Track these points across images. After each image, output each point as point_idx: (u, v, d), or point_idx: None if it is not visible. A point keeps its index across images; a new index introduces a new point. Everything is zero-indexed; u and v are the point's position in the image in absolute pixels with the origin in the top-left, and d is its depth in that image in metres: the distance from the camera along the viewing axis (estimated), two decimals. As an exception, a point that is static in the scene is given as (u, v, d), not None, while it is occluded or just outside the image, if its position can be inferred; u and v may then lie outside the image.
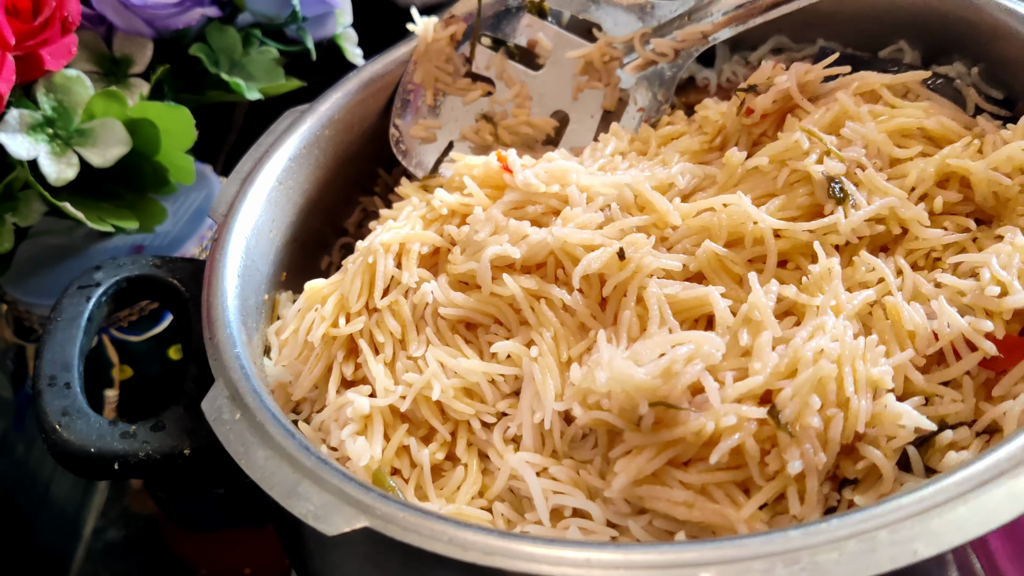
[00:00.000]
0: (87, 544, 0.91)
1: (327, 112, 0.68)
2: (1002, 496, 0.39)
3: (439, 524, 0.42)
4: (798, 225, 0.54)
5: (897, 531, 0.38)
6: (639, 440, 0.47)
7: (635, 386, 0.47)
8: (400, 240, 0.58)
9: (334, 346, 0.57)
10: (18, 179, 0.65)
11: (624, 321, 0.53)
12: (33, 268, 0.74)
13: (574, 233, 0.55)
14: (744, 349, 0.49)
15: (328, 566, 0.51)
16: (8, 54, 0.61)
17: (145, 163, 0.70)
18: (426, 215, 0.60)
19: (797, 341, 0.48)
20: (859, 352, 0.47)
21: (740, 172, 0.59)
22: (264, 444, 0.48)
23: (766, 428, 0.46)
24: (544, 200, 0.58)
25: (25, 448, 0.87)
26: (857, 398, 0.46)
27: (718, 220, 0.55)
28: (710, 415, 0.46)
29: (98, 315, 0.59)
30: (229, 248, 0.59)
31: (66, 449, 0.52)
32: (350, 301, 0.57)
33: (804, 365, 0.46)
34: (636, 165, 0.63)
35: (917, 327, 0.49)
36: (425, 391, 0.53)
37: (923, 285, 0.52)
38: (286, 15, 0.76)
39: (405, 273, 0.57)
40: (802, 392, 0.45)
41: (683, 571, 0.38)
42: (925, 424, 0.46)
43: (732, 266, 0.55)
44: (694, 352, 0.47)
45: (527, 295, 0.55)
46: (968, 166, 0.55)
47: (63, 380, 0.54)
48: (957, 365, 0.49)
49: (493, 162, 0.60)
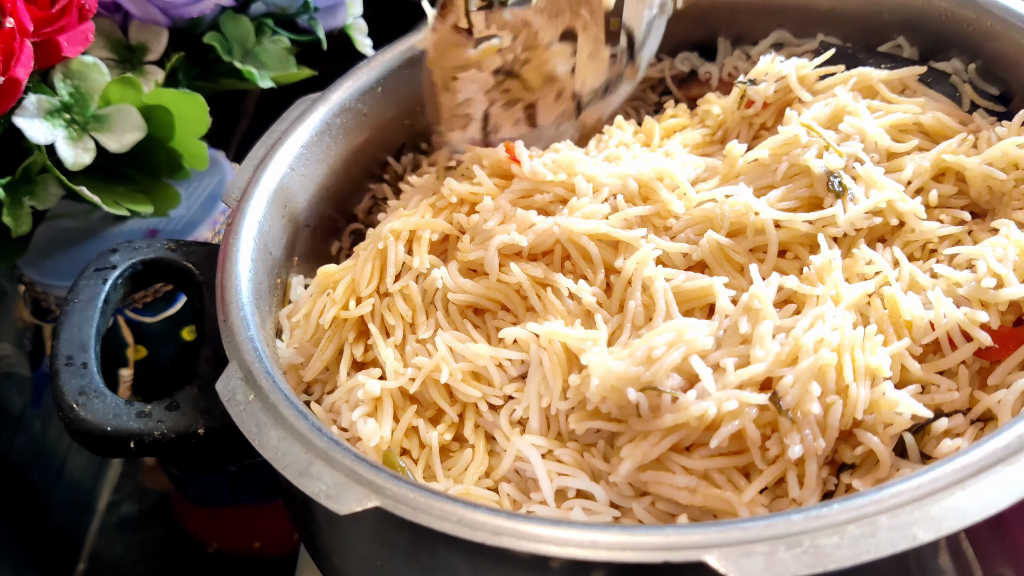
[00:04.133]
0: (101, 518, 0.91)
1: (338, 101, 0.67)
2: (999, 483, 0.38)
3: (448, 504, 0.41)
4: (798, 216, 0.54)
5: (897, 516, 0.38)
6: (642, 426, 0.47)
7: (618, 377, 0.47)
8: (411, 227, 0.57)
9: (345, 328, 0.56)
10: (36, 163, 0.65)
11: (630, 311, 0.52)
12: (50, 250, 0.74)
13: (579, 222, 0.54)
14: (744, 337, 0.48)
15: (338, 544, 0.51)
16: (26, 40, 0.60)
17: (160, 149, 0.69)
18: (436, 203, 0.59)
19: (798, 330, 0.47)
20: (858, 341, 0.47)
21: (741, 164, 0.58)
22: (277, 424, 0.47)
23: (766, 414, 0.46)
24: (551, 189, 0.57)
25: (42, 425, 0.87)
26: (856, 386, 0.46)
27: (720, 211, 0.55)
28: (712, 400, 0.45)
29: (114, 297, 0.58)
30: (242, 232, 0.58)
31: (83, 427, 0.52)
32: (361, 285, 0.57)
33: (805, 353, 0.46)
34: (640, 156, 0.62)
35: (915, 317, 0.49)
36: (434, 374, 0.53)
37: (920, 276, 0.51)
38: (298, 5, 0.75)
39: (416, 259, 0.56)
40: (803, 380, 0.45)
41: (687, 553, 0.38)
42: (922, 411, 0.46)
43: (734, 255, 0.54)
44: (675, 338, 0.47)
45: (533, 283, 0.54)
46: (963, 162, 0.55)
47: (80, 360, 0.54)
48: (953, 355, 0.49)
49: (501, 152, 0.59)
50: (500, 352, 0.53)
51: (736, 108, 0.63)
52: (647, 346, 0.47)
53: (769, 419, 0.46)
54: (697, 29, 0.73)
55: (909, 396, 0.46)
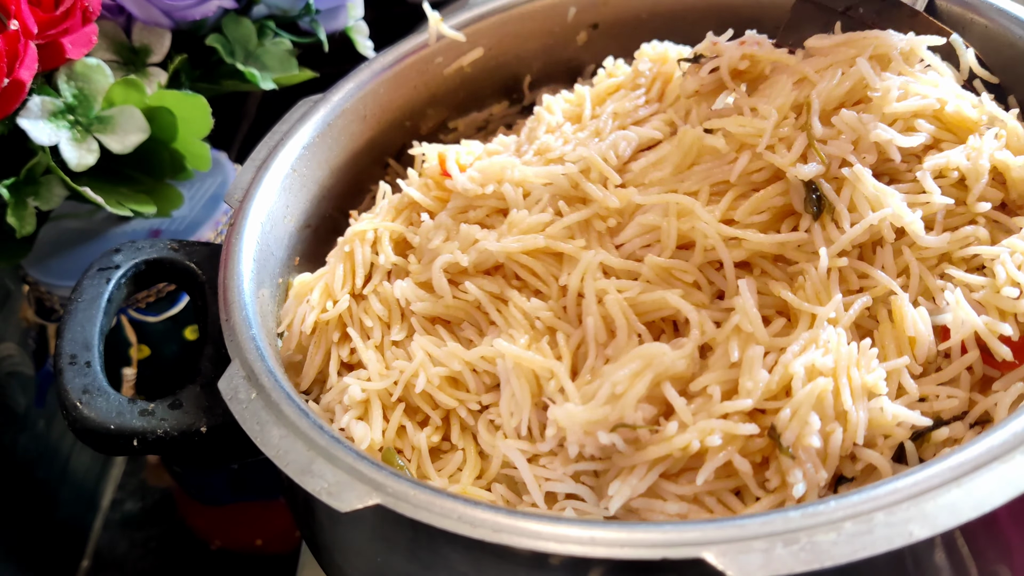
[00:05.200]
0: (105, 515, 0.91)
1: (339, 102, 0.67)
2: (994, 480, 0.38)
3: (449, 502, 0.41)
4: (766, 239, 0.49)
5: (893, 513, 0.38)
6: (626, 461, 0.45)
7: (586, 424, 0.45)
8: (373, 228, 0.58)
9: (328, 331, 0.56)
10: (40, 164, 0.65)
11: (589, 328, 0.49)
12: (54, 250, 0.74)
13: (514, 243, 0.52)
14: (733, 361, 0.46)
15: (339, 541, 0.51)
16: (31, 43, 0.60)
17: (163, 150, 0.69)
18: (397, 204, 0.59)
19: (788, 355, 0.45)
20: (853, 359, 0.45)
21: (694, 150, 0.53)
22: (279, 423, 0.47)
23: (755, 441, 0.45)
24: (484, 203, 0.56)
25: (46, 423, 0.87)
26: (855, 409, 0.44)
27: (667, 225, 0.51)
28: (695, 431, 0.44)
29: (117, 296, 0.58)
30: (245, 233, 0.58)
31: (86, 426, 0.51)
32: (334, 289, 0.57)
33: (798, 382, 0.44)
34: (571, 140, 0.58)
35: (919, 334, 0.47)
36: (413, 379, 0.52)
37: (930, 279, 0.49)
38: (300, 8, 0.75)
39: (381, 256, 0.57)
40: (802, 413, 0.44)
41: (686, 549, 0.38)
42: (921, 421, 0.45)
43: (682, 275, 0.51)
44: (640, 367, 0.45)
45: (491, 299, 0.53)
46: (1008, 162, 0.50)
47: (83, 359, 0.54)
48: (957, 363, 0.47)
49: (434, 164, 0.58)
50: (474, 358, 0.51)
51: (683, 85, 0.56)
52: (609, 383, 0.45)
53: (760, 447, 0.45)
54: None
55: (907, 409, 0.45)
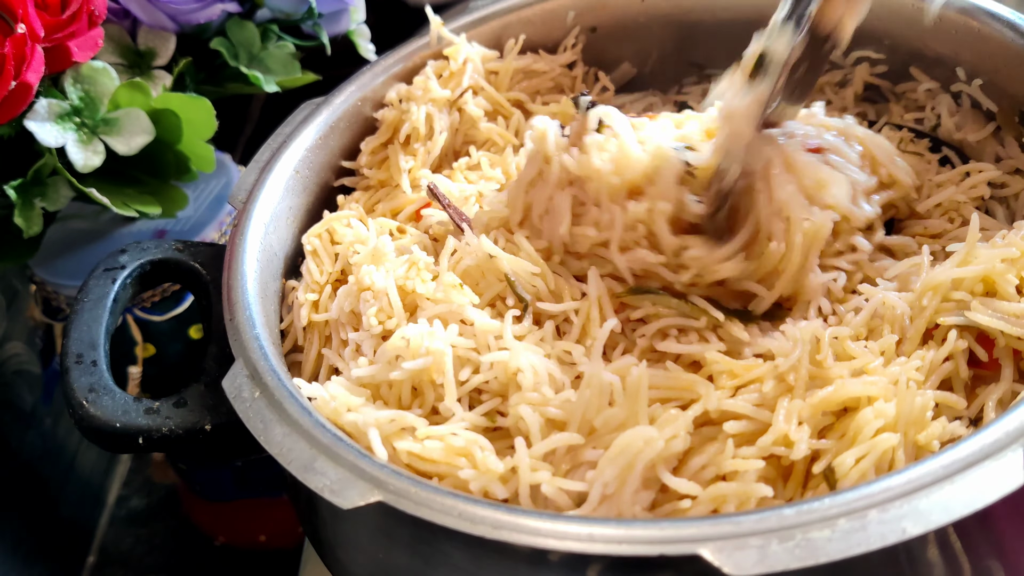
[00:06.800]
0: (111, 512, 0.91)
1: (342, 105, 0.67)
2: (986, 478, 0.38)
3: (449, 499, 0.41)
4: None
5: (886, 510, 0.38)
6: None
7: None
8: (326, 228, 0.61)
9: (320, 326, 0.57)
10: (47, 166, 0.65)
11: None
12: (61, 251, 0.74)
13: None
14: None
15: (341, 537, 0.51)
16: (37, 46, 0.60)
17: (167, 151, 0.69)
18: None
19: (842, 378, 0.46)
20: (914, 416, 0.44)
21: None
22: (282, 421, 0.47)
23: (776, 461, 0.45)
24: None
25: (53, 422, 0.87)
26: (903, 459, 0.44)
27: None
28: (707, 501, 0.44)
29: (123, 296, 0.58)
30: (248, 233, 0.58)
31: (93, 424, 0.52)
32: (311, 282, 0.59)
33: (864, 429, 0.44)
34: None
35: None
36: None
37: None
38: (302, 11, 0.75)
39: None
40: (863, 466, 0.43)
41: (682, 546, 0.38)
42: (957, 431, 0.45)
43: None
44: (627, 462, 0.44)
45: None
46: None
47: (90, 358, 0.54)
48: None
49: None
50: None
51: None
52: (599, 485, 0.44)
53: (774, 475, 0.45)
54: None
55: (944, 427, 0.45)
